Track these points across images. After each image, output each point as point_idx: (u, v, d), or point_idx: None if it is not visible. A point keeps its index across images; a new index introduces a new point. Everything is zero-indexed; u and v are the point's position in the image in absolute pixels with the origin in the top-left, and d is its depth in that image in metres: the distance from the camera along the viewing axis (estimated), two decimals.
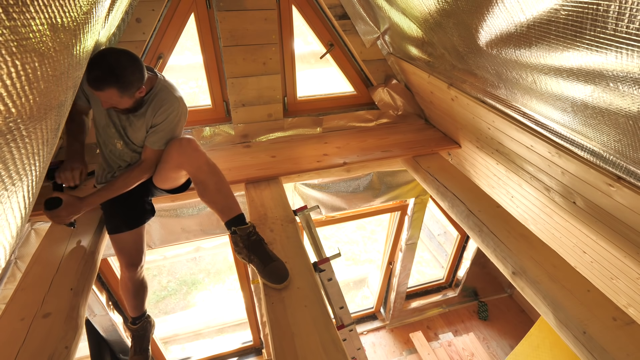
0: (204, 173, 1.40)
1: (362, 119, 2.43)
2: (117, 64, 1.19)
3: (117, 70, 1.19)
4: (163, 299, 4.55)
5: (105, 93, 1.21)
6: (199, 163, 1.39)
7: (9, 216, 0.69)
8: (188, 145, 1.39)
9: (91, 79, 1.17)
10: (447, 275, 3.95)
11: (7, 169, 0.61)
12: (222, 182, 1.44)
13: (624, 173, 1.23)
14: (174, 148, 1.40)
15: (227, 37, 1.89)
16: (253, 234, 1.37)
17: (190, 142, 1.40)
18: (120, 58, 1.20)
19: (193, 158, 1.39)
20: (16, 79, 0.54)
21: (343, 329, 1.74)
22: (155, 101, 1.38)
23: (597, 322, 1.19)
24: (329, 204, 2.50)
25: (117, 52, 1.21)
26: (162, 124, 1.40)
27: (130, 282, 1.69)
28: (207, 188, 1.42)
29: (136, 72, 1.24)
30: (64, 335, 1.17)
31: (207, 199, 1.44)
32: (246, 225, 1.38)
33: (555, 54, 0.95)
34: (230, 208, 1.42)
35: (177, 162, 1.40)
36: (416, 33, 1.66)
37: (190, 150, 1.39)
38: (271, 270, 1.31)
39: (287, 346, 1.12)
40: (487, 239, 1.58)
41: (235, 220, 1.41)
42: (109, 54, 1.20)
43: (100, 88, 1.20)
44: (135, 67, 1.23)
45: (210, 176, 1.42)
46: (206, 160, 1.41)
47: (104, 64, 1.18)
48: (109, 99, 1.25)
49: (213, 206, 1.44)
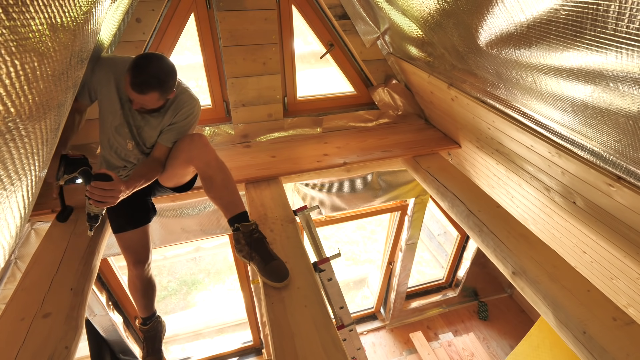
0: (212, 169, 1.42)
1: (362, 119, 2.43)
2: (161, 70, 1.26)
3: (162, 76, 1.26)
4: (163, 299, 4.55)
5: (146, 96, 1.26)
6: (208, 158, 1.41)
7: (8, 216, 0.69)
8: (199, 141, 1.41)
9: (137, 82, 1.22)
10: (447, 275, 3.95)
11: (6, 169, 0.61)
12: (228, 179, 1.46)
13: (624, 173, 1.23)
14: (185, 143, 1.42)
15: (227, 37, 1.89)
16: (255, 232, 1.38)
17: (201, 137, 1.43)
18: (162, 64, 1.27)
19: (203, 153, 1.41)
20: (15, 78, 0.54)
21: (343, 329, 1.74)
22: (177, 102, 1.43)
23: (597, 322, 1.18)
24: (329, 204, 2.50)
25: (159, 58, 1.28)
26: (180, 123, 1.45)
27: (139, 281, 1.69)
28: (214, 184, 1.43)
29: (174, 77, 1.32)
30: (64, 335, 1.17)
31: (213, 194, 1.45)
32: (249, 223, 1.39)
33: (555, 54, 0.95)
34: (235, 205, 1.44)
35: (187, 157, 1.42)
36: (416, 33, 1.66)
37: (201, 145, 1.41)
38: (271, 268, 1.31)
39: (287, 346, 1.12)
40: (487, 239, 1.58)
41: (238, 216, 1.42)
42: (153, 60, 1.26)
43: (145, 92, 1.24)
44: (174, 73, 1.31)
45: (218, 172, 1.43)
46: (215, 157, 1.44)
47: (151, 70, 1.24)
48: (146, 102, 1.29)
49: (218, 202, 1.46)
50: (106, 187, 1.21)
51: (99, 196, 1.21)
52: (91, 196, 1.21)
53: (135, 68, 1.22)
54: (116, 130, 1.44)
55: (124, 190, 1.26)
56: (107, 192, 1.21)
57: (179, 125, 1.45)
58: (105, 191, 1.21)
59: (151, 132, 1.46)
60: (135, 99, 1.28)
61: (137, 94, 1.25)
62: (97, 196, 1.21)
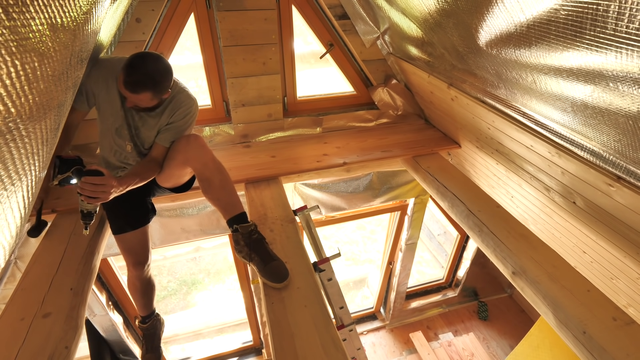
0: (209, 170, 1.41)
1: (362, 119, 2.43)
2: (156, 70, 1.25)
3: (157, 77, 1.25)
4: (163, 299, 4.55)
5: (140, 96, 1.25)
6: (205, 160, 1.41)
7: (9, 216, 0.69)
8: (195, 142, 1.40)
9: (131, 82, 1.22)
10: (447, 275, 3.95)
11: (6, 169, 0.61)
12: (226, 179, 1.45)
13: (624, 173, 1.23)
14: (181, 145, 1.41)
15: (227, 37, 1.89)
16: (254, 232, 1.38)
17: (197, 138, 1.42)
18: (158, 65, 1.26)
19: (200, 154, 1.40)
20: (16, 79, 0.54)
21: (343, 329, 1.74)
22: (174, 102, 1.42)
23: (597, 322, 1.19)
24: (329, 204, 2.50)
25: (155, 58, 1.26)
26: (178, 123, 1.44)
27: (138, 281, 1.70)
28: (212, 185, 1.42)
29: (170, 78, 1.31)
30: (64, 335, 1.17)
31: (211, 195, 1.44)
32: (248, 224, 1.39)
33: (555, 54, 0.95)
34: (234, 205, 1.43)
35: (184, 159, 1.41)
36: (416, 33, 1.66)
37: (197, 146, 1.40)
38: (271, 269, 1.31)
39: (287, 346, 1.12)
40: (487, 239, 1.58)
41: (237, 218, 1.41)
42: (149, 60, 1.25)
43: (137, 92, 1.24)
44: (170, 73, 1.30)
45: (216, 173, 1.43)
46: (212, 158, 1.43)
47: (145, 69, 1.23)
48: (139, 101, 1.28)
49: (216, 203, 1.45)
50: (97, 181, 1.18)
51: (90, 191, 1.17)
52: (82, 192, 1.18)
53: (129, 67, 1.21)
54: (117, 132, 1.44)
55: (116, 186, 1.22)
56: (99, 187, 1.18)
57: (176, 125, 1.44)
58: (97, 186, 1.18)
59: (148, 133, 1.45)
60: (129, 97, 1.27)
61: (130, 93, 1.25)
62: (88, 192, 1.17)
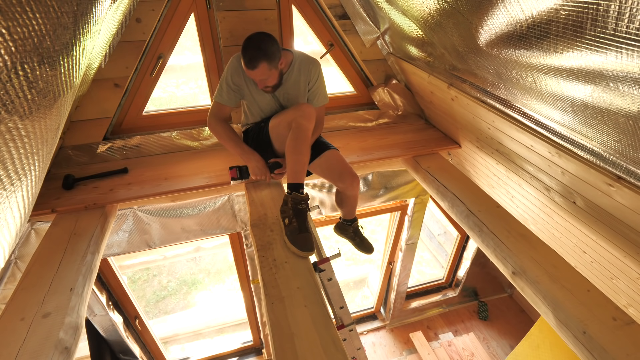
0: (312, 124, 1.62)
1: (362, 119, 2.43)
2: (260, 41, 1.46)
3: (263, 45, 1.45)
4: (163, 299, 4.55)
5: (258, 70, 1.47)
6: (311, 116, 1.63)
7: (8, 216, 0.69)
8: (307, 107, 1.64)
9: (247, 61, 1.45)
10: (447, 275, 3.95)
11: (5, 169, 0.61)
12: (307, 148, 1.63)
13: (624, 173, 1.23)
14: (292, 109, 1.66)
15: (227, 37, 1.89)
16: (303, 204, 1.51)
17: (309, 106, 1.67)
18: (260, 37, 1.47)
19: (307, 113, 1.61)
20: (15, 78, 0.54)
21: (343, 329, 1.74)
22: (300, 64, 1.69)
23: (597, 322, 1.18)
24: (329, 204, 2.50)
25: (257, 34, 1.49)
26: (317, 83, 1.74)
27: None
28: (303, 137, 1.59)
29: (275, 44, 1.50)
30: (64, 336, 1.16)
31: (292, 145, 1.59)
32: (303, 195, 1.52)
33: (556, 54, 0.95)
34: (298, 173, 1.58)
35: (292, 118, 1.61)
36: (416, 33, 1.66)
37: (306, 108, 1.64)
38: (303, 238, 1.42)
39: (287, 346, 1.12)
40: (487, 239, 1.58)
41: (295, 185, 1.55)
42: (251, 38, 1.47)
43: (255, 65, 1.45)
44: (273, 41, 1.50)
45: (318, 127, 1.80)
46: (321, 119, 1.81)
47: (252, 45, 1.45)
48: (262, 75, 1.50)
49: (291, 157, 1.58)
50: (282, 171, 1.77)
51: (278, 176, 1.79)
52: (275, 177, 1.80)
53: (242, 51, 1.46)
54: (268, 107, 1.77)
55: None
56: (283, 170, 1.77)
57: (317, 86, 1.73)
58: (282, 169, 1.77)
59: (291, 91, 1.73)
60: (254, 77, 1.50)
61: (252, 71, 1.47)
62: (278, 177, 1.80)
